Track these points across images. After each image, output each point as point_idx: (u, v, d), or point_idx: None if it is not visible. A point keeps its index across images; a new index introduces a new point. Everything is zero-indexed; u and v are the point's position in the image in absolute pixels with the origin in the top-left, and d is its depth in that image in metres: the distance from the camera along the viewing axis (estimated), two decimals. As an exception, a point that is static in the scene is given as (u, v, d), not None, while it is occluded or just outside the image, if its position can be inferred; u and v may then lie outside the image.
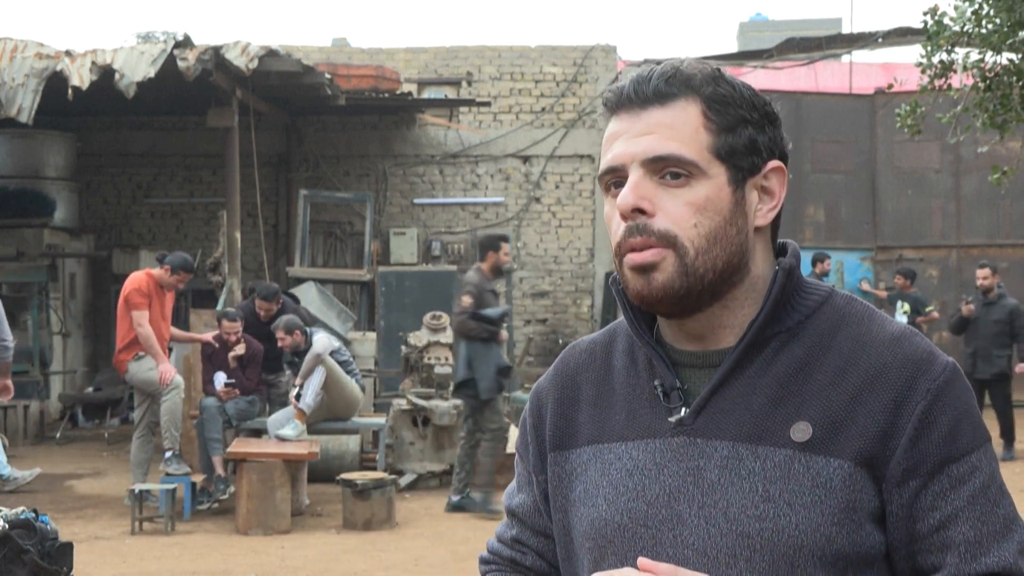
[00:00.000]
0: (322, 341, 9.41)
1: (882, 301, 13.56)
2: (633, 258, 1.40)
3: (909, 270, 13.64)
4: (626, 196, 1.40)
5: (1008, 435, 11.38)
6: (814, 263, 14.10)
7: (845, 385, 1.39)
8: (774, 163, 1.45)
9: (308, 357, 9.33)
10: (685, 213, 1.39)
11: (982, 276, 11.31)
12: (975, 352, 11.18)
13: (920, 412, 1.36)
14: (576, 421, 1.54)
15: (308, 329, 9.73)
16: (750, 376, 1.42)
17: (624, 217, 1.40)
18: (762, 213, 1.45)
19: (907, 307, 13.59)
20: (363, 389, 10.23)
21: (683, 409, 1.44)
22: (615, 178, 1.43)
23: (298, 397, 9.37)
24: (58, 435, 12.91)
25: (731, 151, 1.41)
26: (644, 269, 1.40)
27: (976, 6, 9.01)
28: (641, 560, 1.33)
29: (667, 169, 1.40)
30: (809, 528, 1.34)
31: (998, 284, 11.39)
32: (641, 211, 1.39)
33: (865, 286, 14.88)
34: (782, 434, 1.38)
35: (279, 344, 9.58)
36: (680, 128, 1.40)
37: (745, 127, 1.42)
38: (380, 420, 10.19)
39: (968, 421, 1.38)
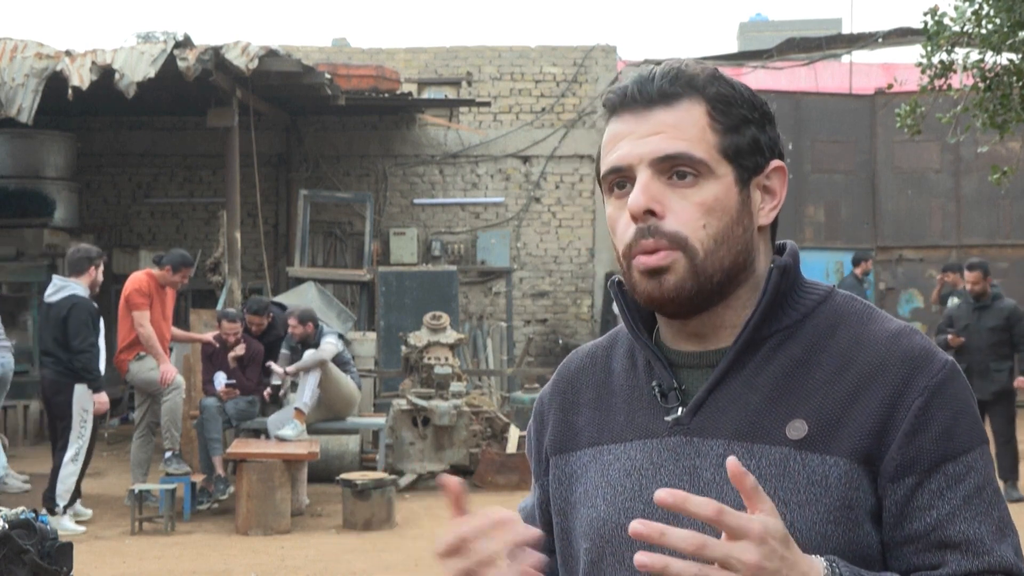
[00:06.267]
0: (330, 348, 9.54)
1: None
2: (645, 261, 1.40)
3: (953, 264, 12.49)
4: (637, 197, 1.39)
5: (1012, 469, 9.18)
6: (856, 263, 13.43)
7: (842, 383, 1.39)
8: (776, 163, 1.46)
9: (313, 357, 9.42)
10: (694, 214, 1.39)
11: (970, 281, 9.38)
12: (968, 368, 8.85)
13: (917, 408, 1.35)
14: (577, 425, 1.55)
15: (321, 325, 9.89)
16: (747, 375, 1.43)
17: (635, 219, 1.40)
18: (764, 212, 1.46)
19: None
20: (359, 387, 10.28)
21: (679, 409, 1.44)
22: (619, 178, 1.43)
23: (292, 388, 9.49)
24: (58, 435, 12.91)
25: (737, 151, 1.42)
26: (655, 272, 1.40)
27: (976, 6, 8.99)
28: (659, 494, 1.21)
29: (675, 169, 1.40)
30: (805, 526, 1.33)
31: (992, 284, 9.48)
32: (652, 212, 1.39)
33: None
34: (778, 432, 1.38)
35: (290, 331, 9.75)
36: (687, 128, 1.40)
37: (748, 127, 1.43)
38: (380, 420, 10.20)
39: (966, 420, 1.37)
